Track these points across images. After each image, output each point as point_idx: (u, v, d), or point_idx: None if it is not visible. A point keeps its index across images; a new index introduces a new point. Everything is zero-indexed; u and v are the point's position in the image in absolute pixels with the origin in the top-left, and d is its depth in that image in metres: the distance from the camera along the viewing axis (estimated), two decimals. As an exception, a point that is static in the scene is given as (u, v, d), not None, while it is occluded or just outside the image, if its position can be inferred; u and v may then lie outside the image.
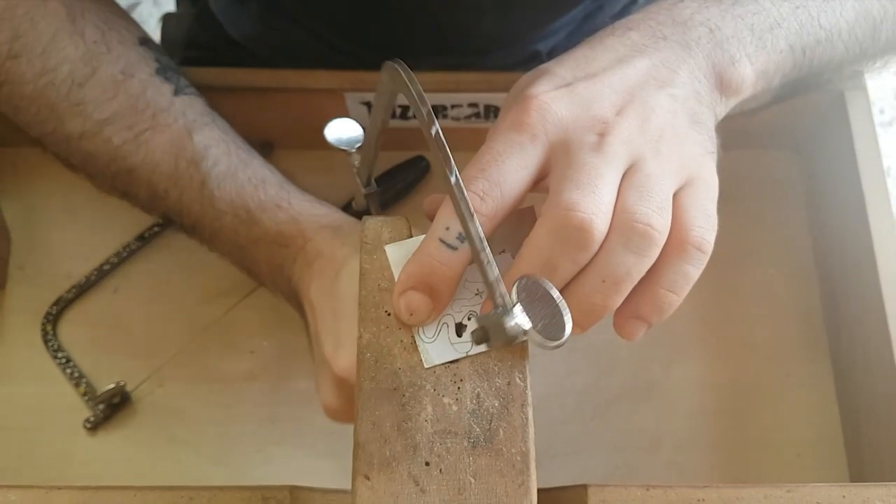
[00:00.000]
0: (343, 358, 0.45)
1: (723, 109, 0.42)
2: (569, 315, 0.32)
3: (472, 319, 0.37)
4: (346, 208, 0.65)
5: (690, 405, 0.60)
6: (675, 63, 0.40)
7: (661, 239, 0.35)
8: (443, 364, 0.36)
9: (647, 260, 0.35)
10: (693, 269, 0.36)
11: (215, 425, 0.59)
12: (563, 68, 0.40)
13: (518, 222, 0.39)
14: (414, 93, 0.33)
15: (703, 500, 0.40)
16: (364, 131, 0.44)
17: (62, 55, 0.50)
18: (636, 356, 0.62)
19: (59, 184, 0.62)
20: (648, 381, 0.61)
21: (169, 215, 0.54)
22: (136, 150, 0.51)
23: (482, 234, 0.33)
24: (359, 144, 0.44)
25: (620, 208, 0.35)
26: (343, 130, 0.44)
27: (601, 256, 0.35)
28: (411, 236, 0.39)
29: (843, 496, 0.40)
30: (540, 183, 0.37)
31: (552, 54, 0.68)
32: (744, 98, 0.43)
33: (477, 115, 0.64)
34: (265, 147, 0.68)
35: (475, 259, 0.33)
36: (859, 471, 0.57)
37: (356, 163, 0.44)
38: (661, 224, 0.35)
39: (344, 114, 0.64)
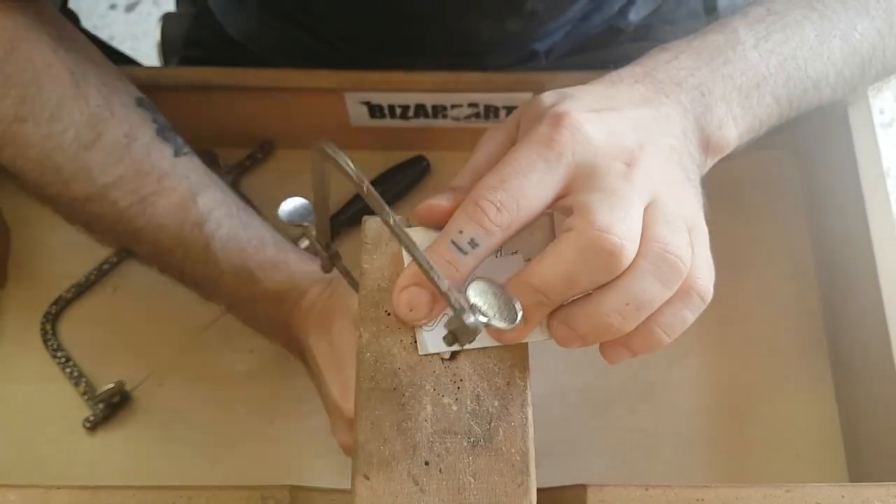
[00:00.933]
0: (352, 402, 0.46)
1: (705, 169, 0.43)
2: (518, 301, 0.33)
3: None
4: (342, 212, 0.65)
5: (690, 405, 0.60)
6: (675, 120, 0.41)
7: (686, 274, 0.36)
8: (437, 354, 0.36)
9: (668, 292, 0.35)
10: (691, 316, 0.37)
11: (214, 424, 0.59)
12: (587, 95, 0.40)
13: (531, 225, 0.39)
14: (345, 169, 0.34)
15: (703, 499, 0.40)
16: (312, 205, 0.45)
17: (68, 120, 0.50)
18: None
19: (58, 183, 0.62)
20: (648, 380, 0.61)
21: (170, 271, 0.56)
22: (142, 213, 0.52)
23: (428, 259, 0.34)
24: (311, 217, 0.45)
25: (651, 237, 0.35)
26: (293, 207, 0.46)
27: (628, 280, 0.35)
28: None
29: (843, 496, 0.40)
30: (556, 203, 0.38)
31: (550, 53, 0.69)
32: (726, 153, 0.44)
33: (477, 115, 0.64)
34: (265, 147, 0.68)
35: (426, 275, 0.33)
36: (858, 471, 0.57)
37: (313, 233, 0.45)
38: (689, 259, 0.36)
39: (344, 113, 0.64)
